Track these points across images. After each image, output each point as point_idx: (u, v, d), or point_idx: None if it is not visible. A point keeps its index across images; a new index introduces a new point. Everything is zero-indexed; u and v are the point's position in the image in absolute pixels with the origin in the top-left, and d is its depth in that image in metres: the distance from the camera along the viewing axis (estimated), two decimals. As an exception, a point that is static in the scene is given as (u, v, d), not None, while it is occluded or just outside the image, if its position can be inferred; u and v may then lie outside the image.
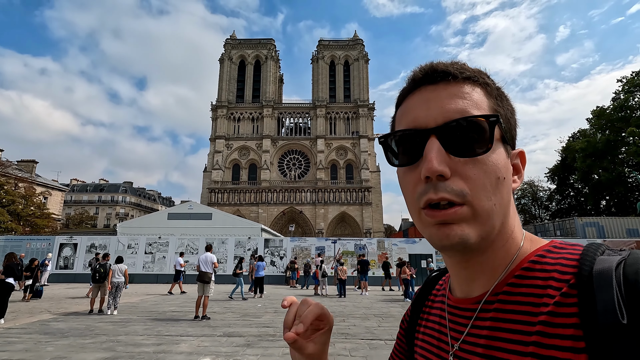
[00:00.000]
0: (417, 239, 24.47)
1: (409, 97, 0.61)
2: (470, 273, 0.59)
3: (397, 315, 11.04)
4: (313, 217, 71.82)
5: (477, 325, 0.56)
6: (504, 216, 0.55)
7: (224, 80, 79.02)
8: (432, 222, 0.53)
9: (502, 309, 0.54)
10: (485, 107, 0.56)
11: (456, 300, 0.63)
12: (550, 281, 0.51)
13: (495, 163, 0.54)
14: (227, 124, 77.37)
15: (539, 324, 0.48)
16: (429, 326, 0.68)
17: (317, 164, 74.68)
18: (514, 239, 0.57)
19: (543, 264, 0.53)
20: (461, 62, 0.60)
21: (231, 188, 73.79)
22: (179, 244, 24.73)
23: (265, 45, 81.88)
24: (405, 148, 0.58)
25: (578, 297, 0.46)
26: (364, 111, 77.03)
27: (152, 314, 10.86)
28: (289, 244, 24.45)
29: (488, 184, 0.53)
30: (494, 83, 0.60)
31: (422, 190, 0.54)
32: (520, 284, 0.53)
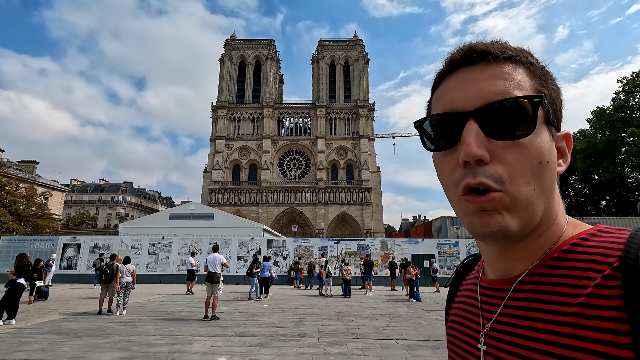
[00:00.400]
0: (420, 239, 24.59)
1: (446, 79, 0.59)
2: (507, 257, 0.58)
3: (404, 315, 11.12)
4: (313, 217, 71.92)
5: (510, 306, 0.55)
6: (546, 201, 0.53)
7: (224, 81, 79.06)
8: (473, 209, 0.52)
9: (537, 290, 0.52)
10: (528, 88, 0.54)
11: (489, 281, 0.62)
12: (592, 264, 0.49)
13: (539, 146, 0.52)
14: (228, 125, 77.41)
15: (577, 305, 0.47)
16: (460, 307, 0.68)
17: (317, 164, 74.77)
18: (557, 224, 0.56)
19: (585, 247, 0.52)
20: (502, 41, 0.58)
21: (231, 188, 73.86)
22: (182, 244, 24.79)
23: (266, 45, 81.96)
24: (442, 132, 0.56)
25: (622, 280, 0.45)
26: (364, 111, 77.16)
27: (160, 314, 10.91)
28: (292, 244, 24.53)
29: (528, 169, 0.51)
30: (538, 62, 0.58)
31: (461, 175, 0.52)
32: (559, 265, 0.52)
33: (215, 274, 10.84)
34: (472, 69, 0.56)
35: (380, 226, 73.89)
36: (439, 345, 7.11)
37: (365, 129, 76.40)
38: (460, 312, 0.67)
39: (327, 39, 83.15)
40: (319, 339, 7.57)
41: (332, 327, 9.00)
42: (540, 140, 0.52)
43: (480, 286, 0.64)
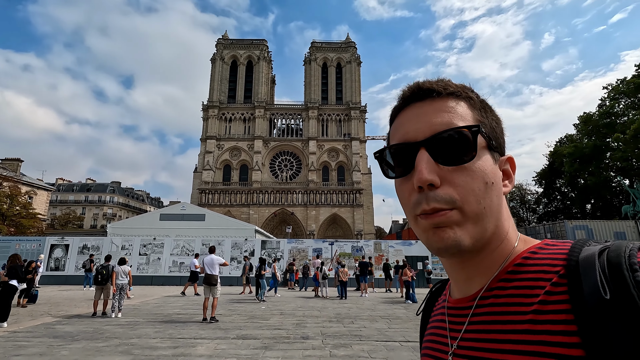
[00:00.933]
0: (414, 241, 24.73)
1: (400, 114, 0.66)
2: (467, 274, 0.62)
3: (403, 317, 11.16)
4: (304, 218, 71.80)
5: (473, 322, 0.59)
6: (496, 219, 0.59)
7: (215, 80, 78.46)
8: (428, 226, 0.57)
9: (495, 303, 0.57)
10: (470, 119, 0.60)
11: (455, 301, 0.66)
12: (541, 274, 0.54)
13: (482, 169, 0.57)
14: (219, 124, 76.80)
15: (531, 312, 0.51)
16: (432, 332, 0.71)
17: (308, 165, 74.73)
18: (509, 240, 0.61)
19: (535, 259, 0.57)
20: (446, 80, 0.65)
21: (222, 189, 73.25)
22: (174, 245, 24.45)
23: (258, 45, 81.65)
24: (399, 160, 0.62)
25: (567, 285, 0.50)
26: (355, 113, 77.46)
27: (157, 316, 10.72)
28: (286, 245, 24.43)
29: (477, 189, 0.56)
30: (478, 96, 0.65)
31: (416, 199, 0.58)
32: (513, 278, 0.57)
33: (213, 276, 10.75)
34: (421, 104, 0.63)
35: (371, 228, 74.17)
36: (443, 347, 7.15)
37: (357, 131, 76.69)
38: (432, 336, 0.70)
39: (319, 40, 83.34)
40: (323, 342, 7.53)
41: (334, 329, 8.98)
42: (483, 164, 0.58)
43: (447, 307, 0.67)
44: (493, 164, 0.60)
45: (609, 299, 0.44)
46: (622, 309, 0.43)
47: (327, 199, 72.91)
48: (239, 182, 74.76)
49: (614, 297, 0.44)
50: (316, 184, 73.39)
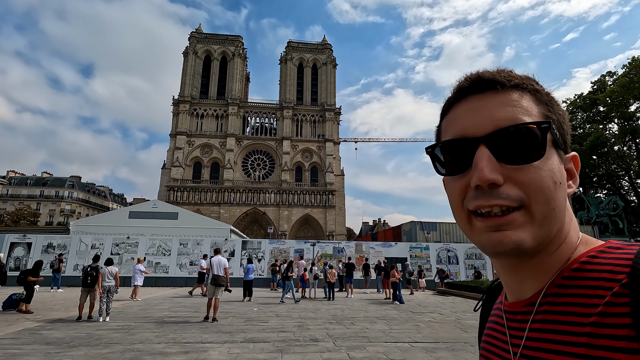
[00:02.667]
0: (393, 243, 25.28)
1: (455, 106, 0.62)
2: (521, 277, 0.59)
3: (398, 317, 11.38)
4: (276, 218, 71.22)
5: (533, 329, 0.56)
6: (561, 222, 0.56)
7: (187, 75, 76.10)
8: (484, 228, 0.54)
9: (550, 311, 0.54)
10: (536, 114, 0.56)
11: (509, 304, 0.63)
12: (601, 281, 0.50)
13: (550, 168, 0.54)
14: (190, 120, 74.53)
15: (589, 325, 0.47)
16: (490, 334, 0.69)
17: (282, 165, 74.27)
18: (568, 243, 0.57)
19: (595, 264, 0.53)
20: (508, 70, 0.61)
21: (192, 187, 71.10)
22: (150, 244, 23.42)
23: (233, 41, 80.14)
24: (453, 157, 0.58)
25: (630, 297, 0.45)
26: (330, 115, 77.99)
27: (148, 319, 10.22)
28: (268, 246, 24.12)
29: (546, 188, 0.53)
30: (544, 89, 0.61)
31: (472, 195, 0.54)
32: (569, 284, 0.53)
33: (221, 276, 10.74)
34: (480, 96, 0.58)
35: (342, 229, 74.87)
36: (452, 347, 7.37)
37: (331, 133, 77.22)
38: (490, 339, 0.68)
39: (296, 40, 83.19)
40: (335, 344, 7.53)
41: (338, 330, 8.99)
42: (551, 163, 0.54)
43: (504, 310, 0.65)
44: (559, 162, 0.57)
45: None
46: None
47: (300, 199, 72.81)
48: (209, 180, 72.89)
49: None
50: (289, 184, 73.08)
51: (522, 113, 0.55)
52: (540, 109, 0.57)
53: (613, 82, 43.64)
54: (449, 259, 24.53)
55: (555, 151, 0.56)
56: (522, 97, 0.57)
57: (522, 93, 0.57)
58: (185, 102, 73.93)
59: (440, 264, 24.03)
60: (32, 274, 11.52)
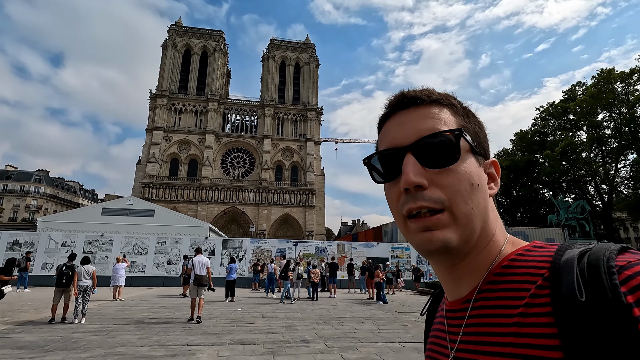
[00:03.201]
0: (375, 243, 25.45)
1: (387, 122, 0.69)
2: (456, 276, 0.64)
3: (384, 317, 11.39)
4: (255, 217, 70.38)
5: (468, 324, 0.61)
6: (483, 220, 0.61)
7: (166, 68, 74.01)
8: (416, 229, 0.59)
9: (485, 306, 0.58)
10: (453, 124, 0.63)
11: (450, 303, 0.67)
12: (527, 276, 0.55)
13: (467, 171, 0.60)
14: (167, 115, 72.50)
15: (517, 315, 0.52)
16: (434, 334, 0.73)
17: (262, 163, 73.48)
18: (496, 242, 0.63)
19: (522, 261, 0.58)
20: (430, 88, 0.69)
21: (168, 183, 69.17)
22: (125, 242, 22.52)
23: (214, 36, 78.62)
24: (386, 166, 0.65)
25: (550, 288, 0.51)
26: (312, 115, 77.86)
27: (127, 321, 9.75)
28: (249, 245, 23.72)
29: (463, 190, 0.58)
30: (460, 103, 0.68)
31: (403, 200, 0.60)
32: (500, 280, 0.58)
33: (203, 276, 10.53)
34: (406, 111, 0.65)
35: (322, 229, 74.90)
36: (443, 347, 7.41)
37: (312, 132, 77.10)
38: (434, 339, 0.72)
39: (279, 38, 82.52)
40: (327, 345, 7.41)
41: (328, 331, 8.88)
42: (468, 166, 0.60)
43: (445, 310, 0.69)
44: (477, 166, 0.62)
45: (585, 301, 0.45)
46: (598, 311, 0.44)
47: (280, 198, 72.26)
48: (187, 177, 71.18)
49: (590, 300, 0.45)
50: (269, 183, 72.38)
51: (440, 124, 0.62)
52: (457, 120, 0.64)
53: (583, 91, 45.74)
54: (428, 259, 24.91)
55: (473, 156, 0.62)
56: (441, 110, 0.64)
57: (441, 107, 0.64)
58: (163, 97, 71.85)
59: (420, 264, 24.38)
60: (3, 272, 10.79)
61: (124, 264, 15.62)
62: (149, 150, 69.90)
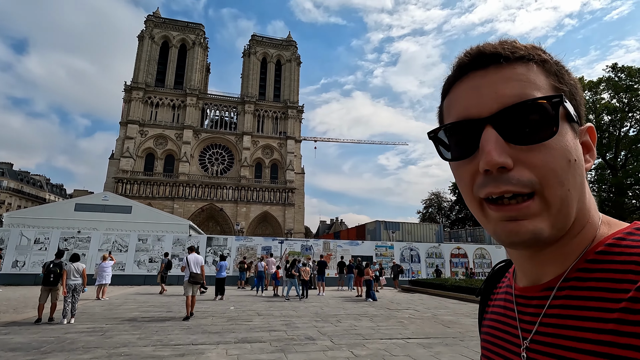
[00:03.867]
0: (360, 242, 25.69)
1: (456, 85, 0.57)
2: (540, 261, 0.55)
3: (380, 315, 11.54)
4: (234, 215, 69.41)
5: (549, 314, 0.52)
6: (580, 201, 0.51)
7: (142, 60, 71.51)
8: (498, 218, 0.50)
9: (573, 296, 0.49)
10: (546, 87, 0.51)
11: (522, 289, 0.58)
12: (632, 265, 0.45)
13: (564, 146, 0.49)
14: (143, 109, 70.17)
15: (619, 311, 0.43)
16: (495, 318, 0.65)
17: (241, 160, 72.50)
18: (591, 224, 0.53)
19: (622, 247, 0.48)
20: (511, 40, 0.55)
21: (143, 179, 67.00)
22: (104, 239, 21.63)
23: (194, 29, 76.73)
24: (458, 140, 0.53)
25: None
26: (293, 112, 77.56)
27: (119, 320, 9.38)
28: (234, 243, 23.38)
29: (559, 169, 0.48)
30: (552, 58, 0.54)
31: (481, 182, 0.50)
32: (595, 268, 0.49)
33: (198, 274, 10.56)
34: (483, 72, 0.53)
35: (301, 227, 74.81)
36: (444, 342, 7.60)
37: (292, 130, 76.81)
38: (495, 323, 0.64)
39: (260, 34, 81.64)
40: (333, 342, 7.44)
41: (328, 328, 8.91)
42: (565, 140, 0.49)
43: (515, 295, 0.60)
44: (574, 137, 0.51)
45: None
46: None
47: (259, 196, 71.60)
48: (163, 173, 69.23)
49: None
50: (248, 180, 71.54)
51: (530, 88, 0.49)
52: (549, 81, 0.51)
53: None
54: (411, 257, 25.44)
55: (569, 126, 0.51)
56: (529, 69, 0.51)
57: (529, 65, 0.51)
58: (139, 89, 69.44)
59: (404, 262, 24.85)
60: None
61: (110, 262, 15.04)
62: (123, 145, 67.46)
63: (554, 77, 0.52)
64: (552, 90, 0.50)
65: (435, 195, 66.05)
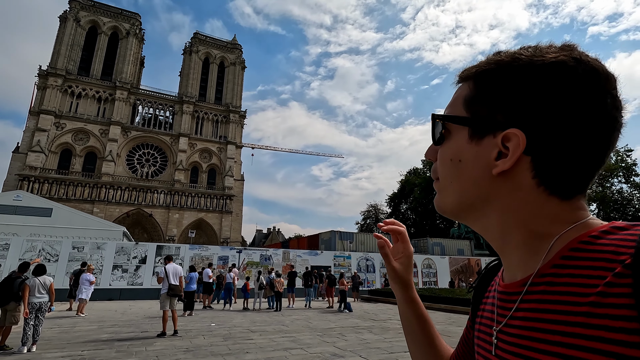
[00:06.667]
0: (319, 252, 25.47)
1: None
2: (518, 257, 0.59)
3: (371, 326, 11.43)
4: (165, 221, 64.18)
5: (521, 308, 0.56)
6: (476, 196, 0.59)
7: (64, 44, 63.34)
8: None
9: (547, 291, 0.52)
10: (459, 103, 0.63)
11: (505, 285, 0.63)
12: (603, 262, 0.48)
13: (450, 148, 0.62)
14: (61, 98, 61.90)
15: (587, 304, 0.46)
16: (484, 315, 0.69)
17: (176, 163, 67.71)
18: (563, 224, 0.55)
19: (597, 244, 0.51)
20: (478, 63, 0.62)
21: (56, 178, 58.60)
22: (28, 246, 18.21)
23: (129, 18, 70.58)
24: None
25: (633, 277, 0.43)
26: (235, 117, 75.14)
27: (94, 344, 7.83)
28: (188, 252, 21.47)
29: (442, 165, 0.63)
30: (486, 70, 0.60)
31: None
32: (569, 265, 0.52)
33: (178, 286, 9.48)
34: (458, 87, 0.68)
35: (238, 236, 72.10)
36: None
37: (234, 135, 74.27)
38: (483, 319, 0.69)
39: (204, 33, 78.25)
40: (362, 357, 7.11)
41: (341, 343, 8.52)
42: (451, 145, 0.62)
43: (498, 291, 0.65)
44: (466, 142, 0.60)
45: None
46: None
47: (194, 202, 67.34)
48: (82, 172, 61.40)
49: None
50: (183, 184, 66.92)
51: (450, 105, 0.65)
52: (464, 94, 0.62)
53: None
54: (367, 267, 25.97)
55: (463, 134, 0.60)
56: (462, 88, 0.64)
57: (467, 84, 0.63)
58: (57, 76, 61.15)
59: (360, 272, 25.23)
60: None
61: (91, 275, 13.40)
62: (33, 137, 58.51)
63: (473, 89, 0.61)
64: (464, 104, 0.61)
65: (373, 207, 68.99)
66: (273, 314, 14.07)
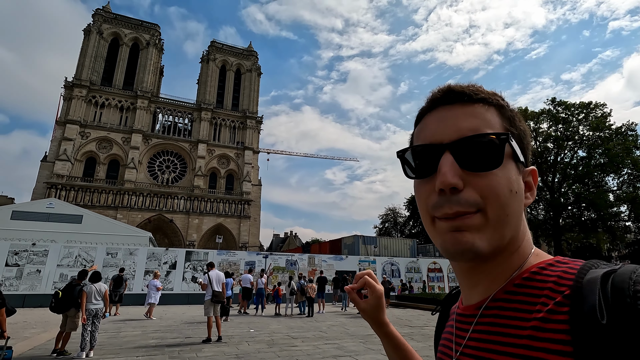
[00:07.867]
0: (344, 256, 25.44)
1: (427, 115, 0.66)
2: (473, 281, 0.63)
3: (410, 332, 11.34)
4: (185, 227, 65.21)
5: (477, 330, 0.60)
6: (514, 229, 0.59)
7: (88, 56, 65.41)
8: (446, 229, 0.57)
9: (499, 315, 0.57)
10: (498, 127, 0.60)
11: (463, 308, 0.66)
12: (546, 291, 0.54)
13: (507, 177, 0.57)
14: (86, 108, 63.84)
15: (530, 328, 0.52)
16: (444, 337, 0.73)
17: (195, 169, 68.81)
18: (520, 252, 0.61)
19: (543, 275, 0.56)
20: (477, 85, 0.65)
21: (81, 185, 60.35)
22: (65, 253, 18.82)
23: (149, 29, 72.41)
24: (421, 162, 0.62)
25: (570, 307, 0.49)
26: (251, 123, 75.96)
27: (144, 349, 8.03)
28: (216, 257, 21.77)
29: (501, 194, 0.56)
30: (508, 105, 0.64)
31: (436, 202, 0.58)
32: (519, 292, 0.57)
33: (221, 292, 9.62)
34: (450, 107, 0.63)
35: (256, 240, 72.61)
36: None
37: (251, 141, 75.02)
38: (444, 341, 0.72)
39: (220, 41, 79.61)
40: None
41: (387, 350, 8.48)
42: (508, 172, 0.58)
43: (456, 314, 0.68)
44: (517, 173, 0.60)
45: (605, 324, 0.44)
46: (619, 336, 0.43)
47: (213, 207, 68.20)
48: (105, 179, 63.08)
49: (612, 323, 0.44)
50: (202, 190, 67.92)
51: (485, 125, 0.59)
52: (502, 123, 0.61)
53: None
54: (392, 272, 25.78)
55: (513, 163, 0.60)
56: (487, 110, 0.61)
57: (488, 107, 0.61)
58: (82, 87, 63.18)
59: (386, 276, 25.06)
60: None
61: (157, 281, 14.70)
62: (60, 146, 60.47)
63: (507, 121, 0.62)
64: (503, 130, 0.60)
65: (391, 211, 68.44)
66: (307, 320, 14.11)
